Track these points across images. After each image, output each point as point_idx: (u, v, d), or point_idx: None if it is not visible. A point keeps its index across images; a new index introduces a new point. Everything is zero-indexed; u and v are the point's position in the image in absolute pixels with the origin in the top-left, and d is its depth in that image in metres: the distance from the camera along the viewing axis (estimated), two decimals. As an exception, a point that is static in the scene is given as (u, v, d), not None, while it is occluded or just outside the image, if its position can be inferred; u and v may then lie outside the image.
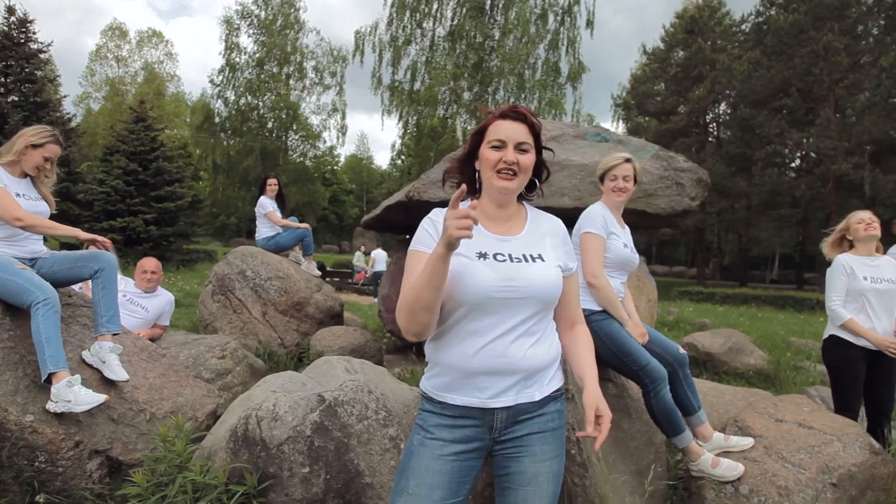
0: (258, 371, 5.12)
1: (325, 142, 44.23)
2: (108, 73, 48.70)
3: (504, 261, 1.70)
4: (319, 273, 7.37)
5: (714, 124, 38.58)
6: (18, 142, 3.18)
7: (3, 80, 19.54)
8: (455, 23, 25.36)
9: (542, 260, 1.73)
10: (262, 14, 38.43)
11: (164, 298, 4.92)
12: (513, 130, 1.72)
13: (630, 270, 3.16)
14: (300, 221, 7.40)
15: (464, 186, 1.48)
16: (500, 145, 1.71)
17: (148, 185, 20.36)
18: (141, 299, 4.73)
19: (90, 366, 3.14)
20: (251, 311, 6.65)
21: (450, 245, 1.46)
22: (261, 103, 39.65)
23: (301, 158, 43.11)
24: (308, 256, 7.29)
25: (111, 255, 3.30)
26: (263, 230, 7.27)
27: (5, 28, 19.97)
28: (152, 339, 4.78)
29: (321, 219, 49.29)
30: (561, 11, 25.64)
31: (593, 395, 1.69)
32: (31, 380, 2.86)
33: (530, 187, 1.85)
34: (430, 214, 1.84)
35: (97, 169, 21.47)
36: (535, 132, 1.76)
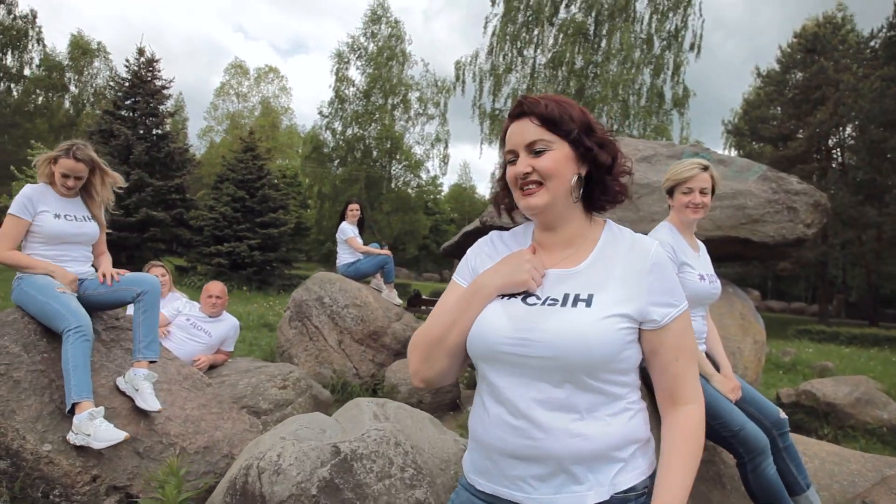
0: (323, 403, 4.89)
1: (427, 171, 44.79)
2: (229, 107, 52.01)
3: (533, 304, 1.26)
4: (400, 302, 7.14)
5: (838, 149, 35.67)
6: (41, 159, 3.14)
7: (131, 114, 21.02)
8: (557, 49, 25.02)
9: (589, 305, 1.22)
10: (371, 47, 39.69)
11: (228, 324, 4.81)
12: (518, 133, 1.30)
13: (711, 302, 2.63)
14: (384, 248, 7.23)
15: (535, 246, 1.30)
16: (514, 157, 1.32)
17: (254, 211, 21.18)
18: (205, 324, 4.63)
19: (123, 393, 2.98)
20: (327, 339, 6.49)
21: (509, 286, 1.27)
22: (366, 133, 40.77)
23: (404, 187, 43.83)
24: (389, 284, 7.09)
25: (154, 279, 3.15)
26: (344, 256, 7.15)
27: (135, 68, 21.57)
28: (214, 366, 4.67)
29: (422, 247, 49.80)
30: (667, 35, 24.70)
31: None
32: (56, 406, 2.72)
33: (601, 192, 1.35)
34: (480, 240, 1.49)
35: (208, 196, 22.61)
36: (550, 119, 1.27)
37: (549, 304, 1.25)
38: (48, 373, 2.81)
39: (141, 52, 21.68)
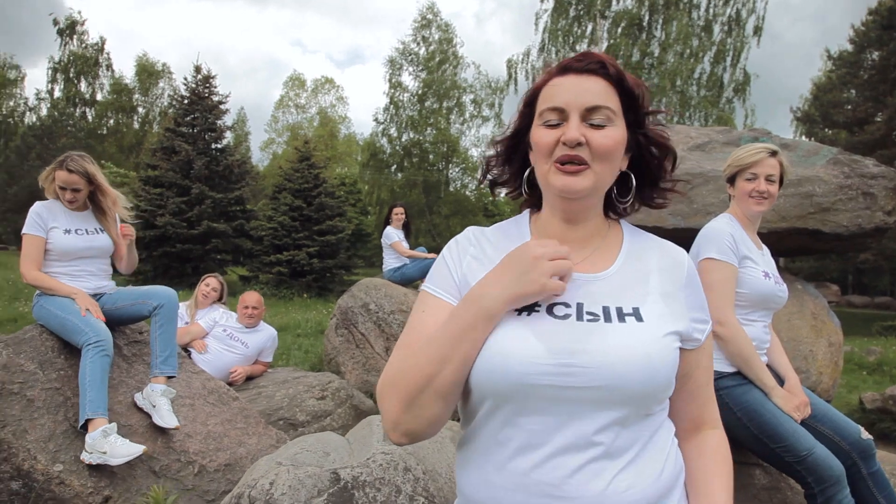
0: (365, 413, 4.72)
1: (484, 173, 44.61)
2: (288, 119, 53.24)
3: (566, 317, 0.96)
4: (447, 306, 6.94)
5: (923, 131, 33.44)
6: (44, 175, 3.08)
7: (191, 130, 21.64)
8: (611, 42, 24.39)
9: (639, 318, 0.96)
10: (423, 52, 39.80)
11: (265, 334, 4.71)
12: (577, 90, 0.99)
13: (775, 308, 2.29)
14: (428, 252, 7.06)
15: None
16: (558, 119, 0.99)
17: (311, 219, 21.44)
18: (241, 334, 4.54)
19: (141, 409, 2.88)
20: (373, 346, 6.34)
21: (521, 299, 0.94)
22: (422, 138, 40.89)
23: (462, 190, 43.72)
24: (436, 288, 6.90)
25: (171, 292, 3.05)
26: (389, 261, 7.03)
27: (193, 85, 22.22)
28: (252, 377, 4.58)
29: (482, 250, 49.55)
30: (728, 20, 23.70)
31: None
32: (69, 424, 2.63)
33: (630, 189, 1.11)
34: (458, 236, 1.17)
35: (267, 206, 23.03)
36: (627, 89, 1.02)
37: (589, 319, 0.96)
38: (63, 390, 2.73)
39: (198, 69, 22.32)
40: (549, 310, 0.97)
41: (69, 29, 40.66)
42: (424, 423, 0.97)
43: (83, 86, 41.10)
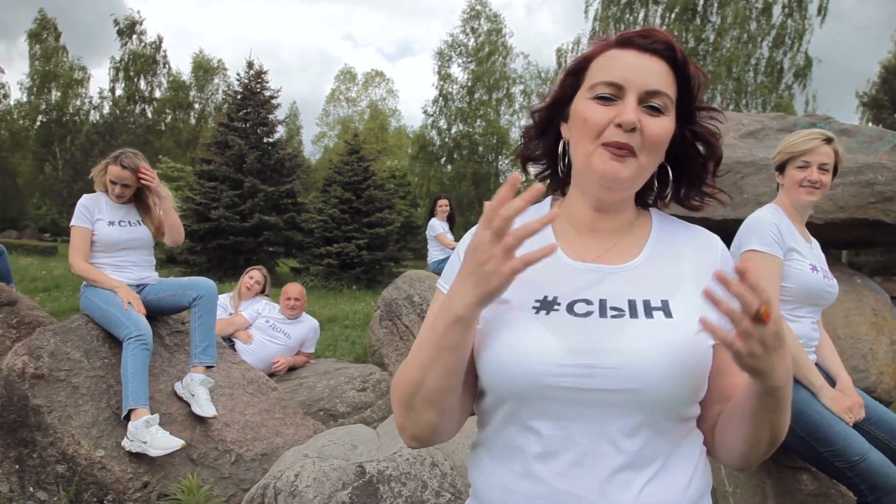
0: (405, 405, 4.72)
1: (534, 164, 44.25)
2: (339, 113, 53.80)
3: (588, 314, 0.89)
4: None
5: None
6: (97, 169, 3.16)
7: (243, 125, 22.09)
8: (664, 29, 23.77)
9: (668, 314, 0.88)
10: (471, 43, 39.64)
11: (307, 325, 4.75)
12: (640, 69, 0.90)
13: (825, 305, 2.15)
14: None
15: (516, 176, 0.81)
16: (613, 95, 0.91)
17: (360, 212, 21.63)
18: (284, 325, 4.59)
19: (181, 398, 2.93)
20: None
21: (480, 300, 0.80)
22: (471, 130, 40.79)
23: (512, 181, 43.49)
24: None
25: (210, 283, 3.10)
26: (434, 253, 7.02)
27: (246, 81, 22.66)
28: (294, 367, 4.63)
29: (532, 241, 49.29)
30: (789, 2, 22.79)
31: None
32: (112, 412, 2.70)
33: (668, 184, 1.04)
34: (473, 228, 1.08)
35: (318, 199, 23.36)
36: (690, 81, 0.94)
37: (613, 316, 0.88)
38: (107, 378, 2.80)
39: (250, 65, 22.75)
40: (570, 307, 0.89)
41: (129, 29, 42.03)
42: (425, 430, 0.91)
43: (142, 84, 42.50)
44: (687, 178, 1.02)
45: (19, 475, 2.55)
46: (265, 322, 4.55)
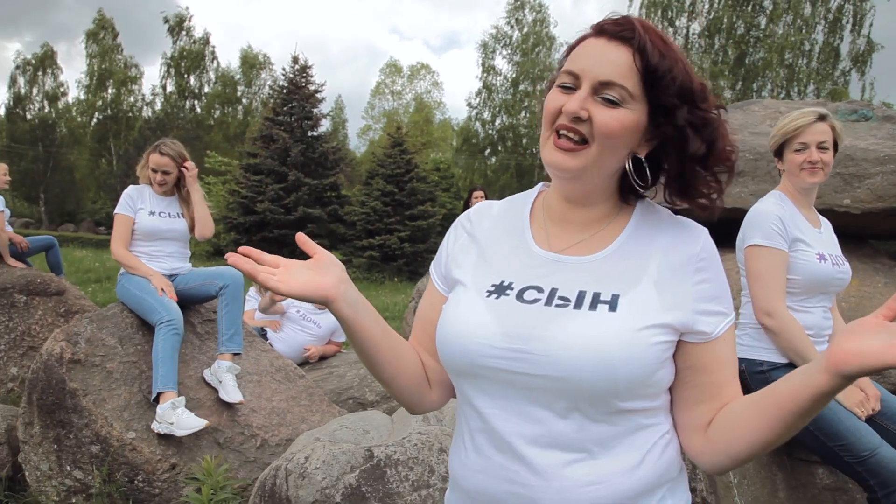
0: (435, 394, 4.78)
1: (578, 156, 43.78)
2: (385, 106, 54.00)
3: (534, 301, 0.90)
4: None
5: None
6: (141, 163, 3.28)
7: (288, 119, 22.49)
8: (713, 16, 23.15)
9: (613, 308, 0.86)
10: (516, 35, 39.38)
11: (338, 315, 4.84)
12: (598, 56, 0.88)
13: (836, 291, 2.09)
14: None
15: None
16: (573, 84, 0.89)
17: (403, 204, 21.82)
18: (314, 315, 4.69)
19: (209, 384, 3.03)
20: (450, 329, 6.41)
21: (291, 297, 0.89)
22: (515, 121, 40.58)
23: (556, 173, 43.11)
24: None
25: (237, 273, 3.18)
26: (468, 244, 7.02)
27: (291, 75, 23.04)
28: (326, 356, 4.72)
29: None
30: (847, -16, 21.93)
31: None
32: (143, 396, 2.81)
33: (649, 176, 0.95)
34: (467, 211, 1.11)
35: (361, 192, 23.64)
36: (651, 67, 0.86)
37: (557, 305, 0.89)
38: (139, 364, 2.92)
39: (295, 60, 23.11)
40: (520, 294, 0.91)
41: (178, 26, 43.07)
42: (397, 396, 1.03)
43: (192, 80, 43.55)
44: (668, 177, 0.96)
45: (57, 454, 2.69)
46: (296, 312, 4.66)
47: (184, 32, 43.27)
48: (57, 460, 2.69)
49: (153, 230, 3.19)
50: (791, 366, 1.92)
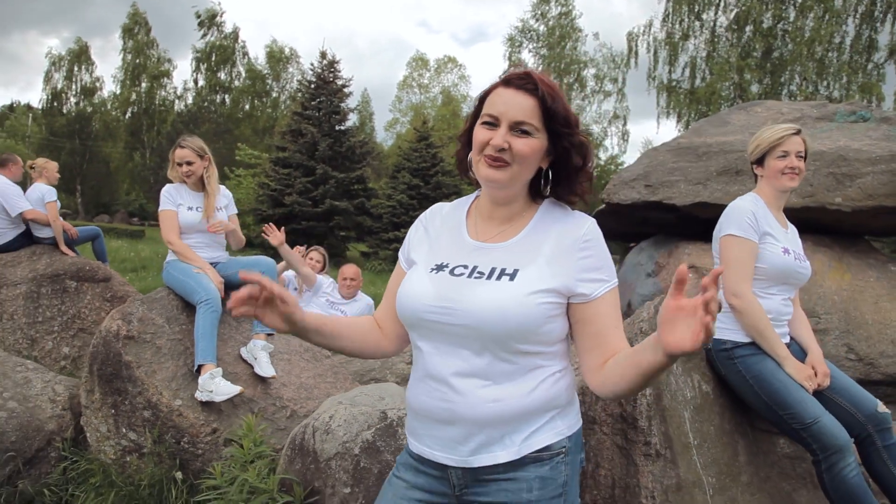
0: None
1: (606, 150, 43.45)
2: (412, 99, 54.11)
3: (461, 275, 1.29)
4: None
5: None
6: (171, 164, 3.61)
7: (316, 113, 22.95)
8: (740, 9, 22.98)
9: (512, 279, 1.24)
10: (542, 28, 39.32)
11: (363, 303, 5.18)
12: (513, 104, 1.24)
13: (797, 285, 2.35)
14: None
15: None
16: (493, 122, 1.26)
17: (428, 198, 22.16)
18: (341, 304, 5.04)
19: (245, 361, 3.38)
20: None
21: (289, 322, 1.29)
22: (543, 115, 40.53)
23: (583, 168, 42.90)
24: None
25: (270, 261, 3.53)
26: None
27: (319, 70, 23.48)
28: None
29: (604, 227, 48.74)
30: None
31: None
32: (188, 369, 3.16)
33: (547, 184, 1.37)
34: (427, 210, 1.53)
35: (387, 185, 24.04)
36: (549, 109, 1.24)
37: (475, 277, 1.27)
38: (184, 341, 3.28)
39: (323, 55, 23.55)
40: (452, 270, 1.30)
41: (209, 20, 43.78)
42: (363, 357, 1.54)
43: (222, 74, 44.26)
44: (557, 180, 1.35)
45: (115, 418, 3.06)
46: (324, 300, 5.01)
47: (214, 27, 43.94)
48: (114, 423, 3.06)
49: (191, 223, 3.53)
50: (752, 345, 2.19)
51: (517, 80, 1.25)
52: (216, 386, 3.00)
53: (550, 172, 1.34)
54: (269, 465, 2.38)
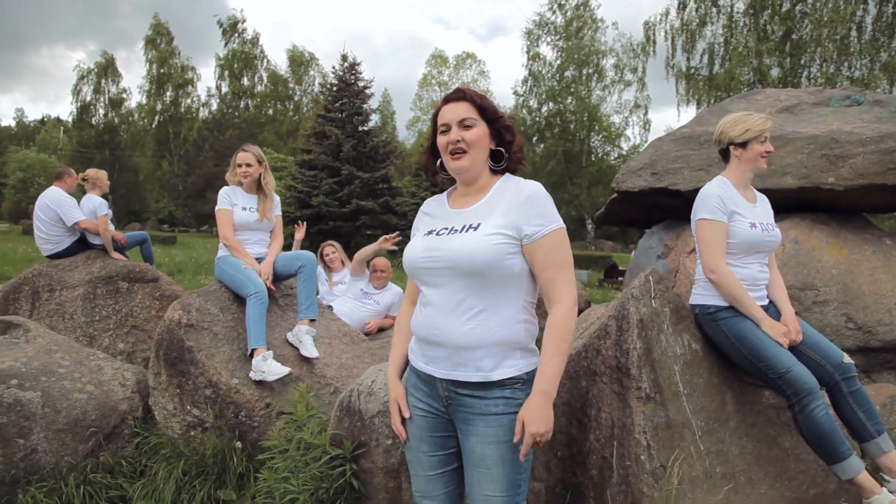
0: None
1: (627, 140, 43.31)
2: (432, 97, 54.43)
3: (442, 233, 1.77)
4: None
5: None
6: (230, 169, 4.02)
7: (340, 115, 23.39)
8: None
9: (475, 229, 1.70)
10: (559, 20, 39.30)
11: (393, 292, 5.56)
12: (453, 111, 1.76)
13: (769, 251, 2.66)
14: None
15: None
16: (446, 129, 1.77)
17: (450, 194, 22.50)
18: (375, 294, 5.43)
19: (291, 344, 3.78)
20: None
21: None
22: (562, 108, 40.47)
23: (605, 158, 42.82)
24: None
25: (311, 255, 3.92)
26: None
27: (340, 73, 23.93)
28: (383, 328, 5.44)
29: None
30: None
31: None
32: (242, 352, 3.57)
33: (502, 158, 1.85)
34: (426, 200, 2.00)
35: (411, 183, 24.41)
36: (479, 105, 1.77)
37: (451, 233, 1.75)
38: (237, 328, 3.68)
39: (344, 58, 23.98)
40: (439, 232, 1.78)
41: (231, 28, 44.55)
42: None
43: (245, 80, 45.01)
44: (503, 158, 1.83)
45: (179, 397, 3.47)
46: (360, 290, 5.41)
47: (237, 34, 44.66)
48: (179, 401, 3.47)
49: (244, 222, 3.94)
50: (732, 308, 2.52)
51: (453, 95, 1.80)
52: (268, 367, 3.39)
53: (499, 152, 1.84)
54: (321, 426, 2.76)
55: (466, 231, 1.71)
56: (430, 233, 1.80)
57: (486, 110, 1.78)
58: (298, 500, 2.48)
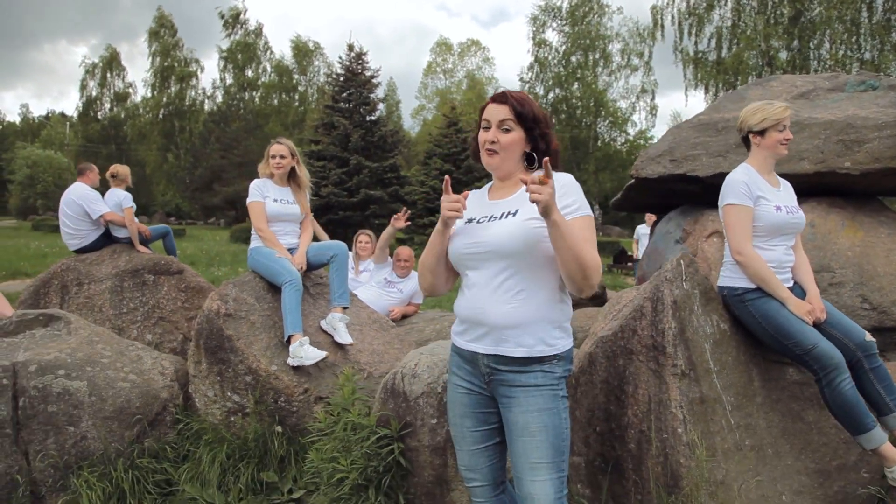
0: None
1: (634, 125, 43.19)
2: (437, 85, 54.28)
3: (482, 221, 1.91)
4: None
5: None
6: (263, 161, 4.13)
7: (347, 106, 23.49)
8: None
9: (514, 216, 1.85)
10: (565, 5, 39.07)
11: (415, 281, 5.68)
12: (495, 112, 1.91)
13: (794, 233, 2.76)
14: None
15: (447, 178, 1.88)
16: (487, 126, 1.93)
17: (461, 182, 22.58)
18: (398, 283, 5.55)
19: (325, 331, 3.91)
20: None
21: (445, 223, 1.90)
22: (568, 94, 40.38)
23: (612, 144, 42.77)
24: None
25: (343, 245, 4.04)
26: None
27: (347, 63, 23.98)
28: (406, 315, 5.57)
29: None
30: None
31: None
32: (279, 340, 3.70)
33: (533, 162, 1.98)
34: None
35: (419, 172, 24.51)
36: (518, 112, 1.89)
37: (490, 220, 1.90)
38: (272, 317, 3.81)
39: (350, 48, 24.05)
40: (479, 220, 1.93)
41: (233, 20, 44.48)
42: (427, 285, 2.08)
43: (248, 71, 44.98)
44: (539, 158, 1.95)
45: (220, 384, 3.61)
46: (384, 279, 5.54)
47: (239, 26, 44.59)
48: (220, 388, 3.61)
49: (276, 214, 4.05)
50: (759, 290, 2.63)
51: (497, 97, 1.95)
52: (305, 352, 3.52)
53: (532, 156, 1.98)
54: (364, 409, 2.89)
55: (506, 217, 1.86)
56: (470, 221, 1.95)
57: (523, 117, 1.90)
58: (347, 479, 2.61)
